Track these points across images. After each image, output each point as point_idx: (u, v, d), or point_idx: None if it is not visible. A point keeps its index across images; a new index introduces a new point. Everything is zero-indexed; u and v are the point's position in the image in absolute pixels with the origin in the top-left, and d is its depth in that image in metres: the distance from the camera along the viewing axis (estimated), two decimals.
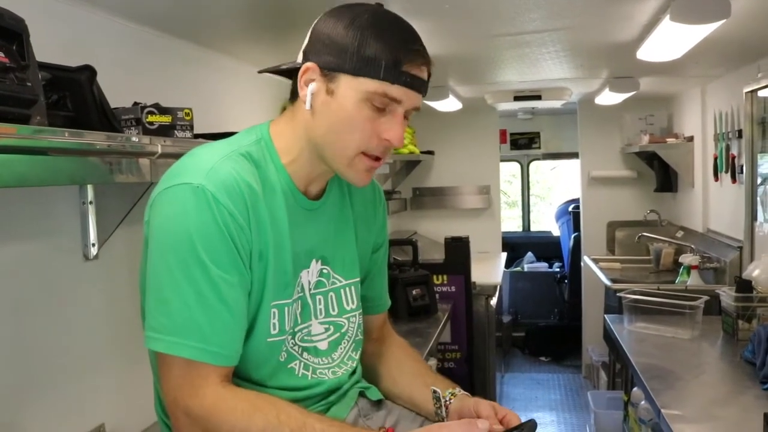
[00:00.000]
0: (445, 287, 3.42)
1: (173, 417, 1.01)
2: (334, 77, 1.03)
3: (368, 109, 1.03)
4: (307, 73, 1.05)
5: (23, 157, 1.05)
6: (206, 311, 0.97)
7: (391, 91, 1.02)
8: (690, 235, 3.98)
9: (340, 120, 1.04)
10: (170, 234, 0.98)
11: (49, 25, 1.45)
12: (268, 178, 1.08)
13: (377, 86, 1.01)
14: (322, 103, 1.05)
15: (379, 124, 1.05)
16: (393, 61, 1.01)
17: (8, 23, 1.01)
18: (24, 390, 1.40)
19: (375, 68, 1.01)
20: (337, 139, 1.06)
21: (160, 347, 0.98)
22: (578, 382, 4.93)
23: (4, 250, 1.37)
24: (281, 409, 0.99)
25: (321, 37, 1.05)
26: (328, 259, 1.18)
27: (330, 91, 1.04)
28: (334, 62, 1.02)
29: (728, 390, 2.01)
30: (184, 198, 0.98)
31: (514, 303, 5.99)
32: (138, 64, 1.82)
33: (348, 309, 1.22)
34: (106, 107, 1.31)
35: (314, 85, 1.05)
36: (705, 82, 3.63)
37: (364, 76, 1.01)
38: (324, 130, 1.06)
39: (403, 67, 1.01)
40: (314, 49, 1.05)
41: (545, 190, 7.94)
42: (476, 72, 3.30)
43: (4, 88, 0.95)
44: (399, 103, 1.04)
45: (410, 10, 1.94)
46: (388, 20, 1.05)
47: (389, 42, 1.01)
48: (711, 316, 2.62)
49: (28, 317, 1.42)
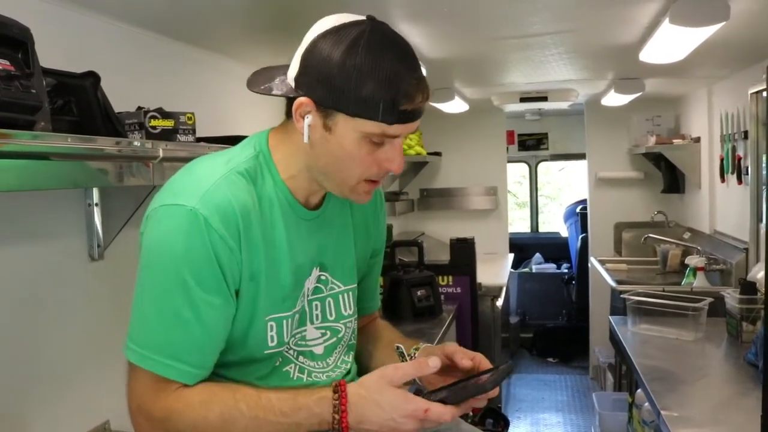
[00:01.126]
0: (450, 288, 3.43)
1: (135, 423, 1.04)
2: (330, 114, 1.01)
3: (367, 144, 1.03)
4: (302, 107, 1.03)
5: (28, 162, 1.08)
6: (183, 331, 1.00)
7: (389, 130, 1.01)
8: (697, 237, 3.97)
9: (339, 156, 1.04)
10: (159, 253, 1.00)
11: (55, 32, 1.49)
12: (266, 193, 1.09)
13: (374, 127, 1.00)
14: (321, 137, 1.04)
15: (378, 155, 1.04)
16: (391, 101, 0.98)
17: (14, 33, 1.04)
18: (30, 387, 1.44)
19: (373, 110, 0.98)
20: (338, 171, 1.06)
21: (133, 358, 1.01)
22: (585, 384, 4.93)
23: (12, 251, 1.41)
24: (236, 390, 1.02)
25: (314, 69, 1.01)
26: (326, 265, 1.19)
27: (327, 128, 1.03)
28: (331, 100, 1.00)
29: (731, 392, 2.01)
30: (178, 219, 0.99)
31: (521, 304, 5.99)
32: (142, 68, 1.85)
33: (345, 314, 1.23)
34: (110, 112, 1.34)
35: (310, 118, 1.03)
36: (711, 82, 3.62)
37: (361, 117, 0.99)
38: (323, 163, 1.06)
39: (401, 106, 0.99)
40: (308, 82, 1.02)
41: (556, 191, 7.93)
42: (482, 74, 3.31)
43: (8, 96, 0.99)
44: (397, 137, 1.04)
45: (410, 14, 1.97)
46: (384, 49, 1.00)
47: (386, 78, 0.98)
48: (716, 318, 2.61)
49: (35, 316, 1.46)
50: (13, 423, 1.36)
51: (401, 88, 0.98)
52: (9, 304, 1.39)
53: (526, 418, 4.36)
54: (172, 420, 1.00)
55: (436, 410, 0.97)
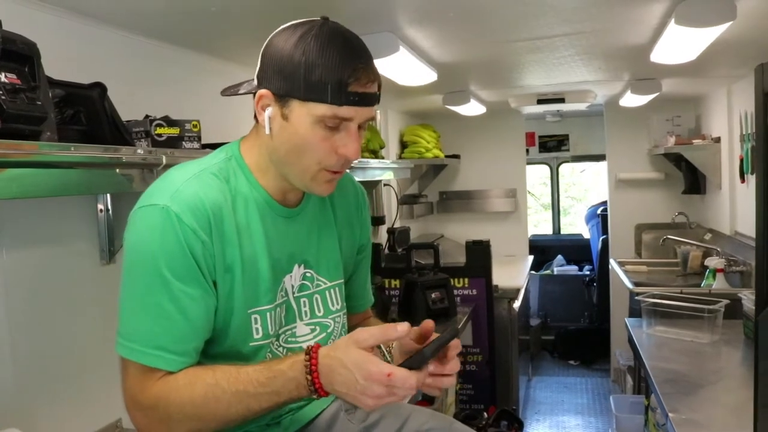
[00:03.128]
0: (466, 290, 3.44)
1: (131, 417, 1.08)
2: (286, 102, 1.08)
3: (321, 129, 1.08)
4: (262, 99, 1.10)
5: (36, 171, 1.13)
6: (165, 322, 1.04)
7: (340, 112, 1.06)
8: (718, 238, 3.92)
9: (296, 143, 1.09)
10: (138, 252, 1.05)
11: (64, 43, 1.55)
12: (240, 192, 1.14)
13: (326, 109, 1.06)
14: (279, 127, 1.10)
15: (334, 141, 1.09)
16: (338, 83, 1.04)
17: (20, 48, 1.10)
18: (44, 386, 1.50)
19: (321, 93, 1.04)
20: (297, 160, 1.11)
21: (123, 352, 1.06)
22: (606, 386, 4.88)
23: (26, 255, 1.46)
24: (216, 369, 1.06)
25: (271, 62, 1.08)
26: (311, 262, 1.23)
27: (284, 116, 1.09)
28: (285, 88, 1.06)
29: (745, 397, 1.96)
30: (151, 218, 1.05)
31: (543, 306, 5.96)
32: (151, 76, 1.90)
33: (333, 310, 1.27)
34: (117, 121, 1.39)
35: (270, 109, 1.09)
36: (730, 82, 3.57)
37: (312, 101, 1.05)
38: (283, 152, 1.11)
39: (350, 87, 1.05)
40: (266, 75, 1.09)
41: (582, 192, 7.87)
42: (497, 76, 3.31)
43: (14, 108, 1.04)
44: (350, 120, 1.09)
45: (417, 20, 1.99)
46: (331, 39, 1.06)
47: (333, 64, 1.04)
48: (734, 320, 2.58)
49: (49, 317, 1.52)
50: (27, 420, 1.41)
51: (347, 71, 1.05)
52: (24, 306, 1.45)
53: (544, 420, 4.33)
54: (160, 407, 1.04)
55: (399, 374, 0.97)
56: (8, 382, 1.41)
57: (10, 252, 1.41)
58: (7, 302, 1.40)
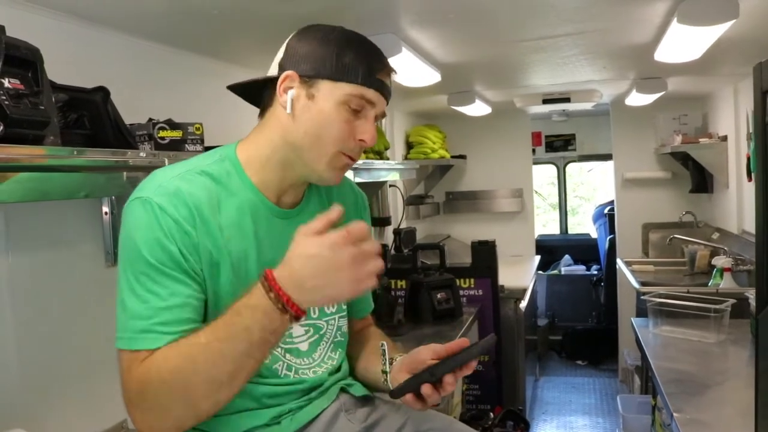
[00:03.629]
0: (471, 290, 3.44)
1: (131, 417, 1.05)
2: (314, 83, 1.13)
3: (345, 111, 1.13)
4: (287, 80, 1.13)
5: (41, 174, 1.15)
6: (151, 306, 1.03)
7: (368, 94, 1.13)
8: (726, 237, 3.90)
9: (320, 121, 1.13)
10: (124, 247, 1.07)
11: (68, 48, 1.57)
12: (231, 192, 1.15)
13: (355, 89, 1.12)
14: (303, 107, 1.13)
15: (354, 126, 1.15)
16: (368, 68, 1.13)
17: (24, 53, 1.11)
18: (49, 387, 1.52)
19: (353, 73, 1.12)
20: (317, 139, 1.14)
21: (117, 344, 1.05)
22: (614, 387, 4.87)
23: (32, 257, 1.48)
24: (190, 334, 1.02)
25: (298, 49, 1.14)
26: None
27: (310, 96, 1.13)
28: (314, 69, 1.12)
29: (753, 396, 1.97)
30: (135, 211, 1.07)
31: (550, 306, 5.94)
32: (153, 79, 1.92)
33: (328, 312, 1.28)
34: (120, 124, 1.40)
35: (293, 91, 1.13)
36: (737, 80, 3.56)
37: (343, 80, 1.12)
38: (303, 131, 1.14)
39: (377, 74, 1.14)
40: (291, 60, 1.14)
41: (590, 192, 7.86)
42: (501, 76, 3.32)
43: (18, 113, 1.05)
44: (373, 106, 1.15)
45: (419, 21, 1.99)
46: (357, 37, 1.17)
47: (363, 53, 1.14)
48: (742, 319, 2.57)
49: (54, 319, 1.53)
50: (33, 421, 1.43)
51: (375, 59, 1.16)
52: (29, 307, 1.47)
53: (552, 420, 4.33)
54: (146, 391, 1.00)
55: (356, 226, 0.98)
56: (14, 383, 1.42)
57: (16, 254, 1.43)
58: (13, 304, 1.42)
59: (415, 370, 1.20)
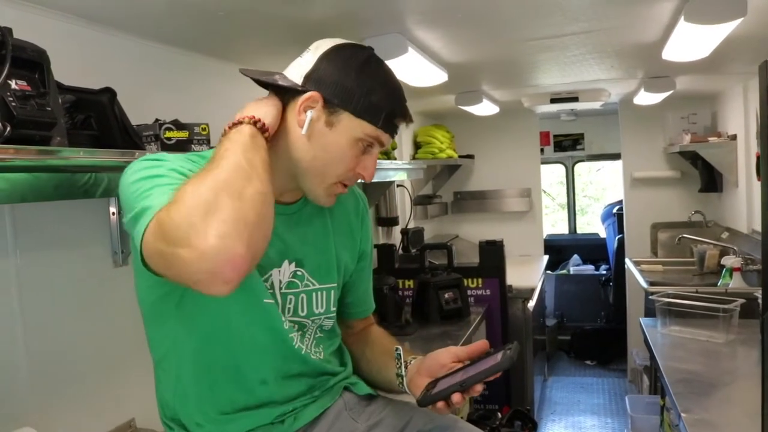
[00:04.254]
0: (479, 290, 3.44)
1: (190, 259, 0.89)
2: (336, 112, 1.13)
3: (358, 147, 1.15)
4: (310, 100, 1.13)
5: (44, 175, 1.16)
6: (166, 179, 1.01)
7: (382, 137, 1.16)
8: (735, 236, 3.87)
9: (332, 152, 1.14)
10: (125, 184, 1.02)
11: (75, 49, 1.58)
12: None
13: (373, 131, 1.14)
14: (319, 132, 1.13)
15: (359, 161, 1.17)
16: (391, 112, 1.15)
17: (30, 55, 1.12)
18: (58, 386, 1.53)
19: (376, 115, 1.14)
20: (323, 166, 1.15)
21: (133, 225, 0.97)
22: (623, 387, 4.85)
23: (41, 258, 1.49)
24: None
25: (329, 71, 1.13)
26: (302, 262, 1.24)
27: (329, 124, 1.13)
28: (341, 98, 1.12)
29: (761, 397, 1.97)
30: (140, 162, 1.05)
31: (559, 306, 5.93)
32: (159, 80, 1.93)
33: (316, 312, 1.28)
34: (127, 125, 1.41)
35: (313, 113, 1.13)
36: (747, 78, 3.53)
37: (365, 119, 1.13)
38: (313, 156, 1.14)
39: (395, 120, 1.17)
40: (320, 80, 1.13)
41: (599, 191, 7.82)
42: (509, 76, 3.31)
43: (25, 114, 1.06)
44: (381, 146, 1.18)
45: (426, 21, 1.99)
46: (389, 75, 1.18)
47: (390, 95, 1.16)
48: (752, 319, 2.55)
49: (63, 319, 1.55)
50: (41, 420, 1.44)
51: (399, 105, 1.18)
52: (37, 307, 1.48)
53: (560, 420, 4.31)
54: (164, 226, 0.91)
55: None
56: (23, 383, 1.43)
57: (24, 254, 1.44)
58: (21, 303, 1.43)
59: (435, 374, 1.20)
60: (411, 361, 1.27)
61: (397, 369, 1.26)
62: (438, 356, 1.22)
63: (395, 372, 1.26)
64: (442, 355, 1.22)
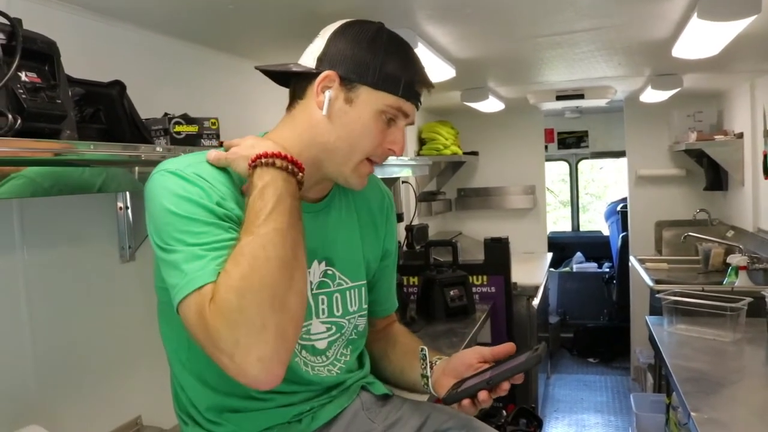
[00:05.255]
0: (484, 288, 3.42)
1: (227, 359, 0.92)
2: (353, 87, 1.11)
3: (381, 121, 1.13)
4: (326, 80, 1.11)
5: (56, 169, 1.14)
6: (204, 242, 0.97)
7: (405, 107, 1.13)
8: (740, 235, 3.86)
9: (356, 128, 1.12)
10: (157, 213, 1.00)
11: (84, 42, 1.56)
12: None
13: (394, 101, 1.12)
14: (339, 110, 1.12)
15: (385, 135, 1.14)
16: (410, 80, 1.13)
17: (40, 47, 1.10)
18: (65, 383, 1.51)
19: (395, 84, 1.11)
20: (349, 145, 1.13)
21: (179, 296, 0.96)
22: (626, 385, 4.84)
23: (47, 253, 1.48)
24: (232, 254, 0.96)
25: (341, 48, 1.12)
26: (333, 260, 1.22)
27: (348, 100, 1.11)
28: (356, 73, 1.10)
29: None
30: (162, 180, 1.02)
31: (562, 303, 5.92)
32: (169, 74, 1.91)
33: (351, 311, 1.26)
34: (136, 119, 1.39)
35: (331, 92, 1.11)
36: (754, 77, 3.52)
37: (384, 90, 1.11)
38: (336, 135, 1.12)
39: (416, 87, 1.14)
40: (333, 59, 1.12)
41: (602, 189, 7.80)
42: (515, 72, 3.29)
43: (35, 106, 1.04)
44: (406, 116, 1.15)
45: (435, 16, 1.97)
46: (401, 44, 1.15)
47: (407, 63, 1.13)
48: (758, 318, 2.54)
49: (69, 315, 1.53)
50: (48, 417, 1.42)
51: (417, 71, 1.15)
52: (44, 303, 1.46)
53: (563, 418, 4.31)
54: (228, 315, 0.90)
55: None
56: (30, 379, 1.42)
57: (31, 250, 1.43)
58: (28, 299, 1.42)
59: (460, 375, 1.18)
60: (436, 361, 1.25)
61: (422, 370, 1.24)
62: (464, 356, 1.21)
63: (420, 373, 1.25)
64: (468, 355, 1.21)
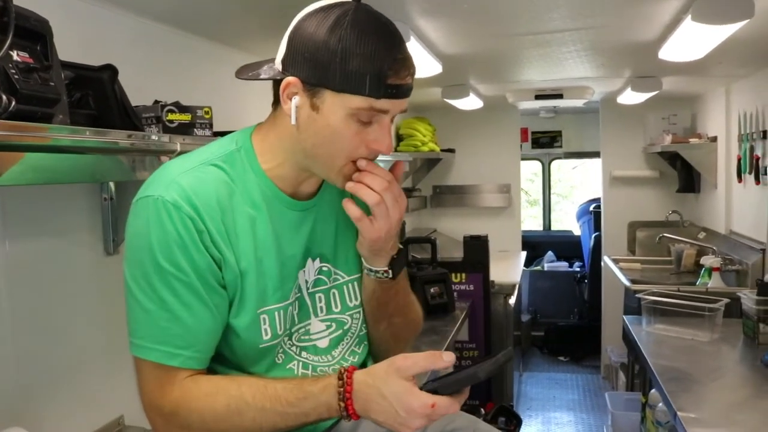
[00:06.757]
0: (463, 285, 3.42)
1: (150, 420, 1.04)
2: (317, 92, 0.99)
3: (355, 123, 1.01)
4: (289, 87, 1.01)
5: (46, 155, 1.08)
6: (171, 317, 0.99)
7: (377, 105, 0.99)
8: (712, 237, 3.93)
9: (326, 135, 1.02)
10: (135, 245, 1.01)
11: (73, 24, 1.49)
12: (246, 187, 1.07)
13: (362, 102, 0.98)
14: (308, 117, 1.02)
15: (366, 135, 1.03)
16: (377, 74, 0.97)
17: (33, 25, 1.04)
18: (46, 381, 1.45)
19: (359, 84, 0.97)
20: (325, 153, 1.04)
21: (136, 351, 1.01)
22: (597, 383, 4.90)
23: (28, 245, 1.41)
24: (241, 382, 1.03)
25: (300, 48, 0.99)
26: (328, 256, 1.17)
27: (315, 107, 1.00)
28: (316, 77, 0.98)
29: (747, 394, 2.00)
30: (146, 211, 1.00)
31: (533, 302, 5.97)
32: (160, 62, 1.86)
33: (351, 306, 1.20)
34: (127, 106, 1.34)
35: (297, 98, 1.01)
36: (730, 82, 3.58)
37: (348, 92, 0.97)
38: (311, 143, 1.04)
39: (388, 80, 0.98)
40: (294, 61, 1.00)
41: (568, 189, 7.89)
42: (497, 70, 3.29)
43: (28, 88, 0.98)
44: (386, 113, 1.02)
45: (428, 10, 1.95)
46: (369, 25, 0.98)
47: (372, 53, 0.96)
48: (732, 318, 2.59)
49: (51, 310, 1.46)
50: (28, 417, 1.36)
51: (387, 62, 0.97)
52: (25, 298, 1.40)
53: (537, 416, 4.34)
54: (180, 414, 1.00)
55: (442, 404, 0.94)
56: (11, 379, 1.35)
57: (13, 242, 1.36)
58: (9, 294, 1.35)
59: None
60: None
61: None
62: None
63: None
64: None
